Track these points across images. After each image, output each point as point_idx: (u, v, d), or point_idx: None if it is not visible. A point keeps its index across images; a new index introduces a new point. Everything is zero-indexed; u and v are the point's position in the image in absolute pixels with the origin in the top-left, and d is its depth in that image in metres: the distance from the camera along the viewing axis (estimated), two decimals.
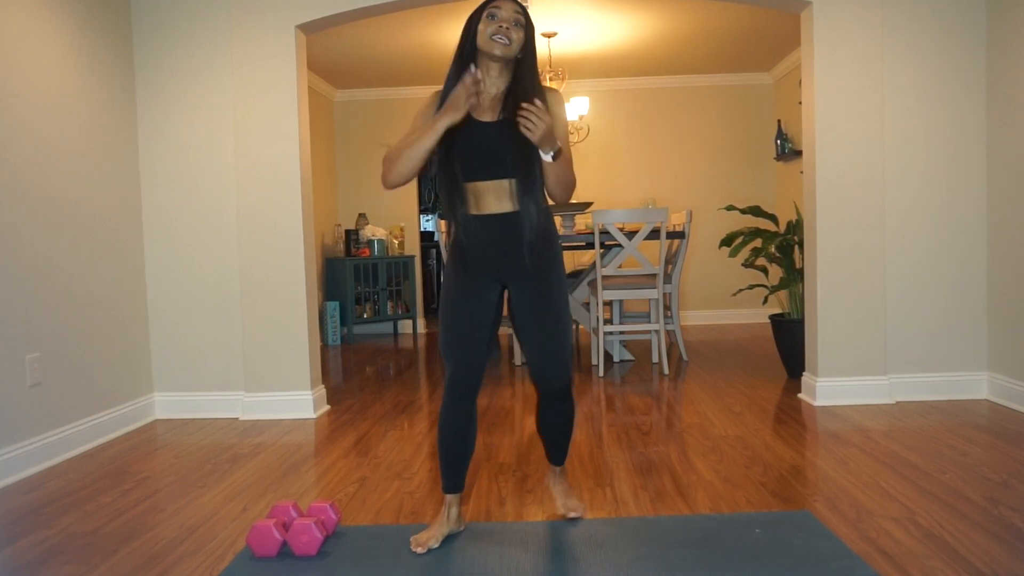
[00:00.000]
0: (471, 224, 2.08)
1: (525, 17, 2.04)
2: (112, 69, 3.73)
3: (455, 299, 2.12)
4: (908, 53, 3.77)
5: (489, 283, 2.13)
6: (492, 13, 2.01)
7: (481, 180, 2.06)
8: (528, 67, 2.06)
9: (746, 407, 3.79)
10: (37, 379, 3.11)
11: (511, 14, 2.01)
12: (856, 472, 2.72)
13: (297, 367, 3.86)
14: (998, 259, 3.73)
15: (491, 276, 2.13)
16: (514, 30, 2.01)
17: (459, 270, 2.13)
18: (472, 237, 2.09)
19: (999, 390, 3.71)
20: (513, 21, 2.01)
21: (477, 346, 2.10)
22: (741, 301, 7.16)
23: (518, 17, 2.02)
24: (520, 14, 2.03)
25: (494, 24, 2.00)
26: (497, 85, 2.09)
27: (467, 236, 2.09)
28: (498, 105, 2.08)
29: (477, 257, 2.11)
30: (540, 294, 2.11)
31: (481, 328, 2.11)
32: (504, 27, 2.00)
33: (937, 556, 2.00)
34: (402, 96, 7.39)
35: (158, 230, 3.95)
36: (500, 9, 2.01)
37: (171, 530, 2.36)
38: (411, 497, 2.61)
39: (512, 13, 2.02)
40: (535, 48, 2.09)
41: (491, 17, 2.01)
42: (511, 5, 2.02)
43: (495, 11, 2.01)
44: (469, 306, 2.11)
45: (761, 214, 4.56)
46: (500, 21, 2.00)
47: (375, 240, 7.02)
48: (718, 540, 2.13)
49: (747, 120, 7.32)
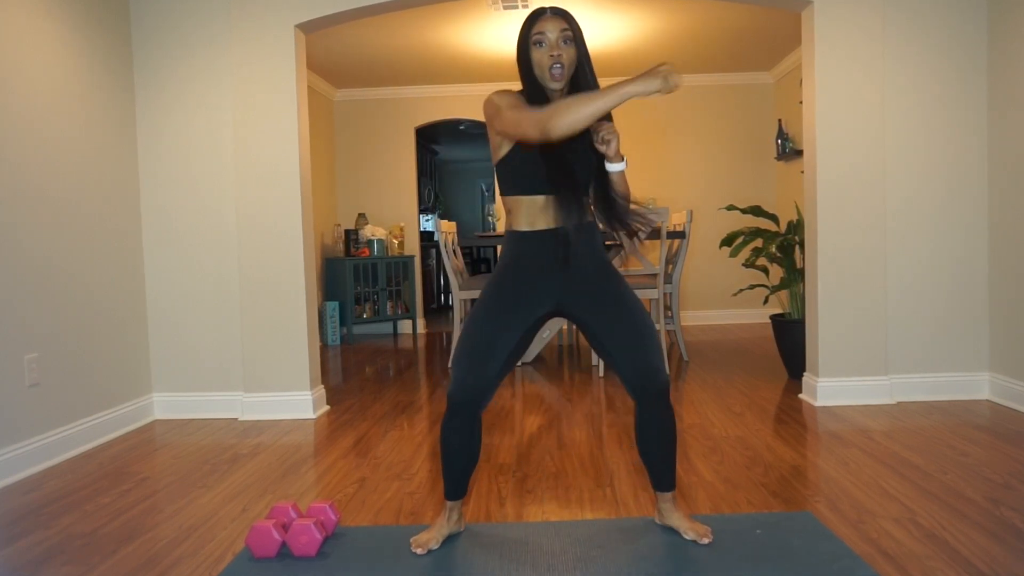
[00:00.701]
0: (525, 240, 2.05)
1: (571, 25, 1.97)
2: (111, 69, 3.72)
3: (492, 309, 2.03)
4: (909, 52, 3.77)
5: (535, 305, 2.05)
6: (539, 40, 1.96)
7: (539, 194, 2.02)
8: (584, 75, 2.01)
9: (747, 407, 3.79)
10: (36, 379, 3.10)
11: (558, 33, 1.95)
12: (857, 472, 2.71)
13: (296, 367, 3.86)
14: (999, 259, 3.72)
15: (541, 297, 2.05)
16: (565, 51, 1.96)
17: (507, 283, 2.05)
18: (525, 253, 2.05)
19: (1000, 390, 3.70)
20: (562, 40, 1.95)
21: (493, 367, 2.01)
22: (742, 301, 7.15)
23: (566, 34, 1.96)
24: (567, 28, 1.96)
25: (544, 53, 1.95)
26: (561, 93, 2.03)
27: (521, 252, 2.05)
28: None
29: (528, 275, 2.04)
30: (613, 298, 2.04)
31: (506, 348, 2.01)
32: (555, 55, 1.94)
33: (938, 557, 1.99)
34: (402, 96, 7.39)
35: (157, 230, 3.94)
36: (545, 33, 1.95)
37: (170, 531, 2.36)
38: (411, 498, 2.61)
39: (558, 32, 1.95)
40: (586, 49, 2.02)
41: (539, 44, 1.96)
42: (555, 23, 1.96)
43: (541, 37, 1.96)
44: (503, 322, 2.02)
45: (762, 214, 4.55)
46: (550, 48, 1.95)
47: (375, 240, 7.02)
48: (719, 541, 2.12)
49: (748, 119, 7.31)
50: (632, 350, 2.01)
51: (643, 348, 2.02)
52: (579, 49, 1.99)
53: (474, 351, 2.01)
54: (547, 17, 1.97)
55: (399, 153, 7.47)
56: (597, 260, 2.09)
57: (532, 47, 1.98)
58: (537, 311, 2.06)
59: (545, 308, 2.07)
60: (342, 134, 7.46)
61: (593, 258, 2.08)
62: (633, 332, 2.02)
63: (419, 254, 7.62)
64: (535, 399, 4.13)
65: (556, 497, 2.56)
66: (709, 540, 2.10)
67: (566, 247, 2.03)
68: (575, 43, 1.98)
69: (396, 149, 7.46)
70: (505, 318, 2.03)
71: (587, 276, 2.06)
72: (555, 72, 1.96)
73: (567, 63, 1.96)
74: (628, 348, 2.01)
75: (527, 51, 1.99)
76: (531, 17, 2.00)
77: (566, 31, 1.96)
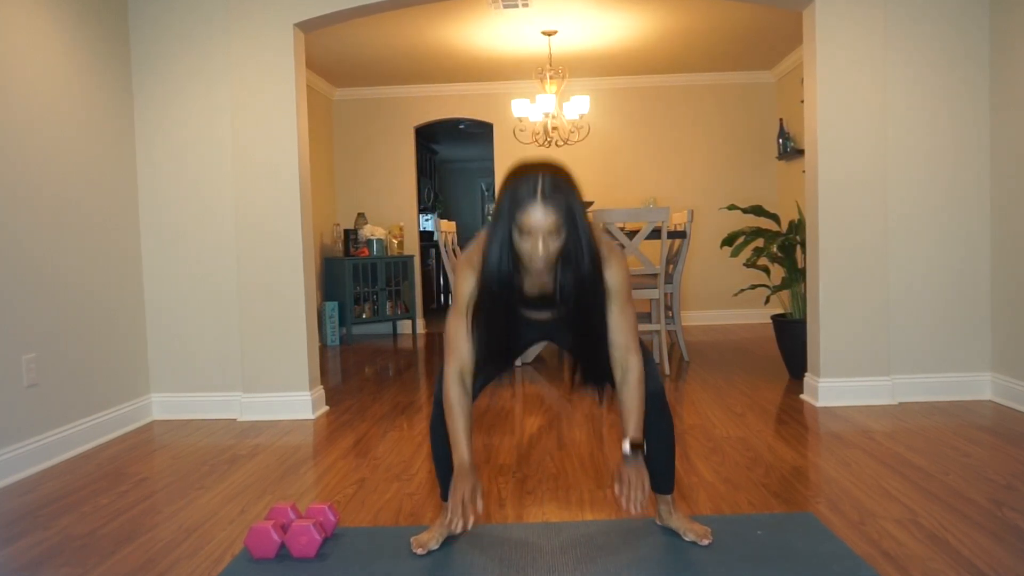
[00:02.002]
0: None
1: (562, 218, 1.72)
2: (109, 68, 3.71)
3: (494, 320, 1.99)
4: (911, 51, 3.76)
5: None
6: (521, 228, 1.73)
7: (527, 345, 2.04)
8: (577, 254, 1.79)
9: (748, 408, 3.77)
10: (34, 380, 3.09)
11: (543, 224, 1.71)
12: (858, 473, 2.70)
13: (295, 368, 3.85)
14: (1001, 258, 3.71)
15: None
16: (551, 240, 1.74)
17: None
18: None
19: (1002, 391, 3.69)
20: (547, 231, 1.72)
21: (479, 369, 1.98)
22: (743, 301, 7.14)
23: (553, 225, 1.72)
24: (556, 218, 1.71)
25: (527, 241, 1.75)
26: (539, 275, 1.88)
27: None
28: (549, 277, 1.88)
29: None
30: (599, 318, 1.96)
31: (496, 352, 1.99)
32: (539, 245, 1.74)
33: (940, 558, 1.98)
34: (401, 95, 7.38)
35: (155, 229, 3.93)
36: (532, 227, 1.72)
37: (169, 532, 2.35)
38: (410, 498, 2.59)
39: (544, 223, 1.71)
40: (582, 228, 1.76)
41: (522, 232, 1.74)
42: (545, 219, 1.70)
43: (526, 227, 1.72)
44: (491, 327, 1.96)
45: (763, 213, 4.54)
46: (534, 240, 1.73)
47: (374, 240, 7.01)
48: (720, 541, 2.11)
49: (749, 119, 7.30)
50: None
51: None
52: (570, 236, 1.76)
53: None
54: (536, 207, 1.71)
55: (398, 153, 7.46)
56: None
57: (514, 227, 1.75)
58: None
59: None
60: (341, 133, 7.45)
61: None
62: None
63: (419, 254, 7.61)
64: (535, 400, 4.12)
65: (556, 498, 2.55)
66: (709, 541, 2.09)
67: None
68: (565, 233, 1.76)
69: (395, 148, 7.45)
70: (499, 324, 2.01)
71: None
72: (536, 265, 1.78)
73: (551, 255, 1.77)
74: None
75: (508, 223, 1.76)
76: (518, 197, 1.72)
77: (554, 221, 1.72)
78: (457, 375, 1.92)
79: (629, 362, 1.94)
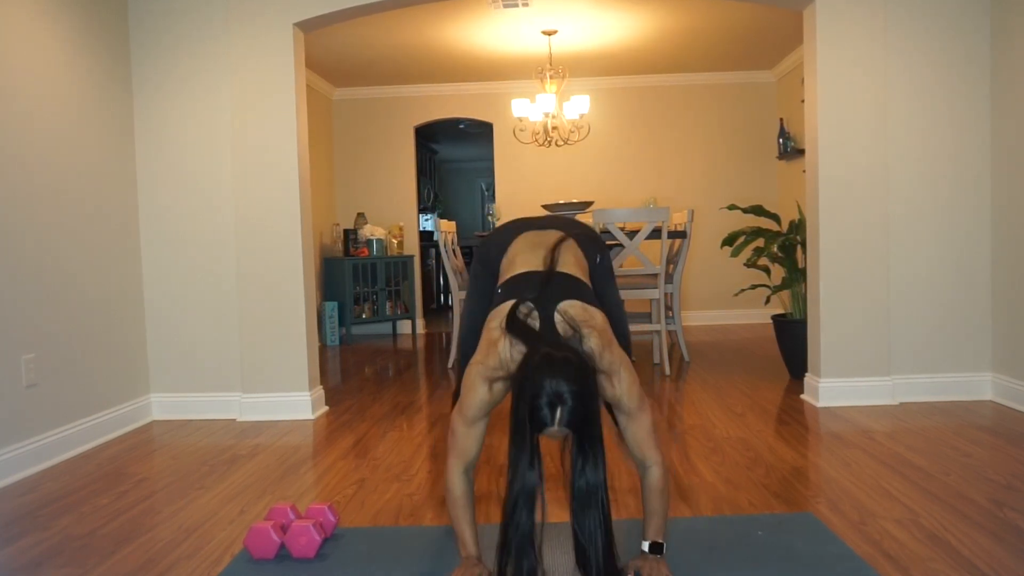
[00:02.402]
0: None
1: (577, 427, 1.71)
2: (109, 68, 3.71)
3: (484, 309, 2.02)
4: (911, 51, 3.75)
5: None
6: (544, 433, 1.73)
7: None
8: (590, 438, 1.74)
9: (748, 408, 3.77)
10: (33, 380, 3.09)
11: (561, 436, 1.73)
12: (859, 474, 2.70)
13: (295, 368, 3.84)
14: (1002, 259, 3.71)
15: None
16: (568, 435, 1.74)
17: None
18: None
19: (1003, 391, 3.69)
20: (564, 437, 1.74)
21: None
22: (743, 301, 7.14)
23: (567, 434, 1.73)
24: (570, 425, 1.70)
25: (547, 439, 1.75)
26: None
27: None
28: None
29: None
30: None
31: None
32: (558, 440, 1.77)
33: (940, 558, 1.98)
34: (401, 94, 7.37)
35: (155, 229, 3.93)
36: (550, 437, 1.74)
37: (168, 532, 2.34)
38: (410, 499, 2.59)
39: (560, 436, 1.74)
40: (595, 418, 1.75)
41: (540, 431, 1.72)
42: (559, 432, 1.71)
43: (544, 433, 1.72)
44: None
45: (763, 213, 4.54)
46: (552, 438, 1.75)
47: (374, 240, 7.00)
48: (720, 542, 2.11)
49: (749, 118, 7.30)
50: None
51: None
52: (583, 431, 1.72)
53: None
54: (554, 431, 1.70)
55: (398, 152, 7.45)
56: None
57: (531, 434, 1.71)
58: None
59: None
60: (341, 133, 7.44)
61: None
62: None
63: (418, 254, 7.61)
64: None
65: (557, 499, 2.54)
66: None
67: None
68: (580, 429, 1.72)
69: (395, 148, 7.44)
70: None
71: None
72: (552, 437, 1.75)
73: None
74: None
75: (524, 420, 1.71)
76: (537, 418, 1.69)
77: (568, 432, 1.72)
78: (461, 470, 1.92)
79: (647, 464, 1.91)
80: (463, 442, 1.92)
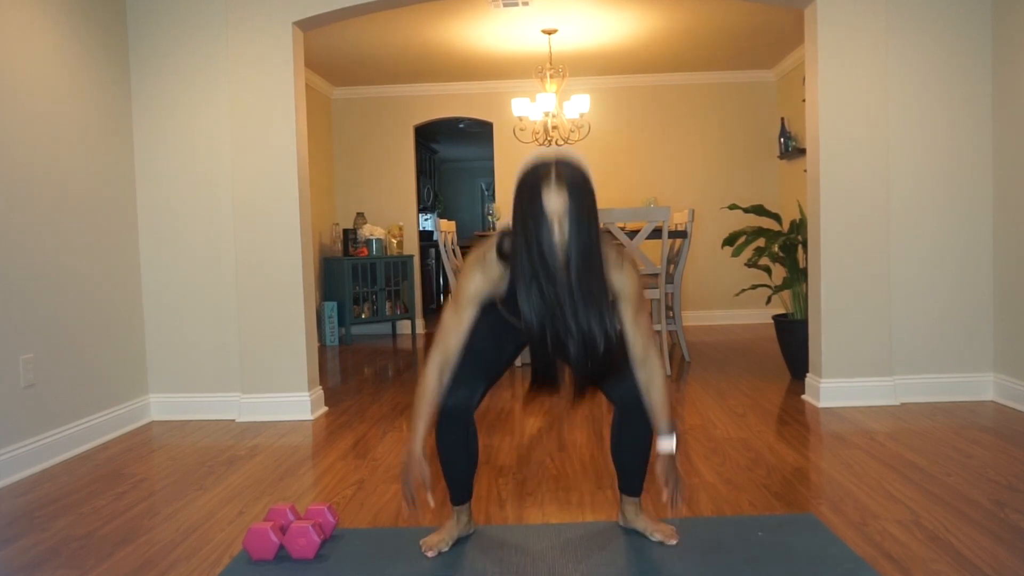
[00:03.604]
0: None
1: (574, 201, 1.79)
2: (107, 67, 3.70)
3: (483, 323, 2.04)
4: (913, 50, 3.74)
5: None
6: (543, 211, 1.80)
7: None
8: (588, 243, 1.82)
9: (749, 408, 3.76)
10: (31, 380, 3.08)
11: (560, 207, 1.78)
12: (860, 474, 2.69)
13: (294, 368, 3.83)
14: (1004, 258, 3.70)
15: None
16: (565, 222, 1.80)
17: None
18: None
19: (1005, 392, 3.68)
20: (563, 213, 1.79)
21: (479, 378, 2.03)
22: (744, 301, 7.13)
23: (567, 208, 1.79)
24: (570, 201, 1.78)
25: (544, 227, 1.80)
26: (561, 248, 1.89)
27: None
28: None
29: None
30: None
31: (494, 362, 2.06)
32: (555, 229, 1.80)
33: (942, 559, 1.97)
34: (400, 93, 7.36)
35: (154, 229, 3.92)
36: (548, 207, 1.79)
37: (167, 533, 2.33)
38: None
39: (561, 206, 1.78)
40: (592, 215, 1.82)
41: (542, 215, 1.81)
42: (560, 198, 1.78)
43: (544, 208, 1.78)
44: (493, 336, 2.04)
45: (764, 213, 4.53)
46: (549, 216, 1.79)
47: (373, 239, 6.99)
48: (721, 543, 2.10)
49: (750, 118, 7.29)
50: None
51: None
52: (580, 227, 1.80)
53: (466, 363, 2.02)
54: (552, 188, 1.78)
55: (398, 152, 7.44)
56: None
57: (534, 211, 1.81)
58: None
59: None
60: (340, 132, 7.43)
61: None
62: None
63: (418, 254, 7.60)
64: (535, 400, 4.11)
65: (556, 499, 2.53)
66: (676, 540, 2.11)
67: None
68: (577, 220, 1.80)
69: (395, 148, 7.43)
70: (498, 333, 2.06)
71: None
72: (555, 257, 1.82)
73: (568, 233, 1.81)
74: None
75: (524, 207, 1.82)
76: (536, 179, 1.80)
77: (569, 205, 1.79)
78: (438, 367, 1.97)
79: (650, 363, 2.01)
80: (446, 330, 1.97)
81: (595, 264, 1.85)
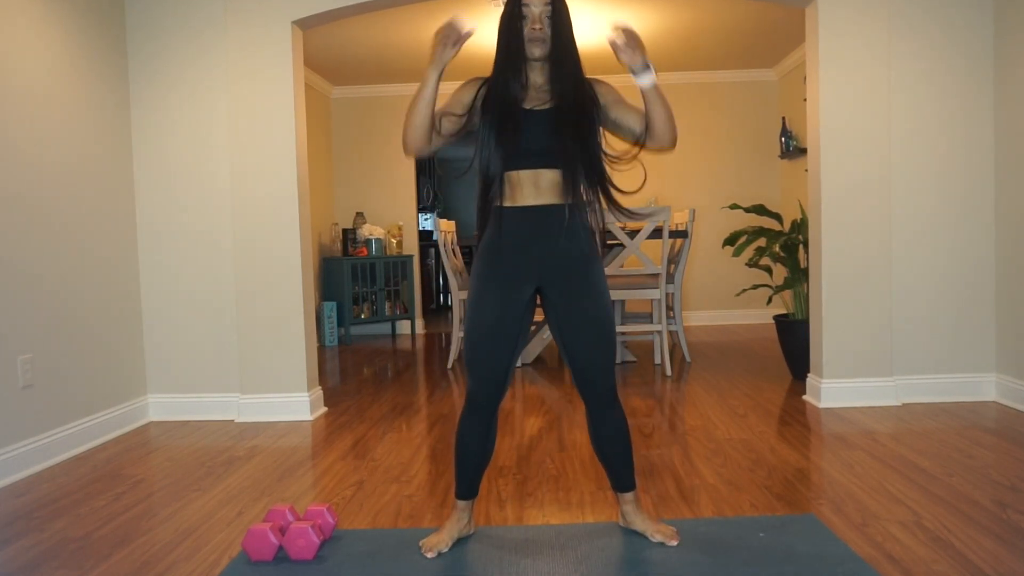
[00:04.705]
0: (507, 216, 2.03)
1: (555, 5, 2.01)
2: (106, 68, 3.69)
3: (482, 298, 2.05)
4: (915, 49, 3.73)
5: (521, 282, 2.04)
6: (523, 13, 2.01)
7: (523, 169, 2.02)
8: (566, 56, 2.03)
9: (750, 409, 3.75)
10: (29, 381, 3.07)
11: (541, 8, 1.99)
12: (862, 475, 2.68)
13: (293, 368, 3.82)
14: (1006, 258, 3.69)
15: (524, 274, 2.04)
16: (547, 25, 2.00)
17: (489, 267, 2.05)
18: (508, 230, 2.03)
19: (1007, 392, 3.66)
20: (545, 14, 2.00)
21: (501, 353, 2.03)
22: (745, 301, 7.11)
23: (547, 9, 2.00)
24: (549, 3, 2.00)
25: (527, 25, 2.00)
26: (542, 75, 2.07)
27: (502, 229, 2.03)
28: (545, 95, 2.06)
29: (510, 252, 2.04)
30: (579, 291, 2.04)
31: (507, 331, 2.03)
32: (537, 27, 1.99)
33: (944, 561, 1.96)
34: (400, 92, 7.35)
35: (152, 229, 3.91)
36: (530, 7, 2.00)
37: (165, 534, 2.32)
38: (409, 500, 2.57)
39: (542, 7, 2.00)
40: (570, 30, 2.04)
41: (524, 18, 2.01)
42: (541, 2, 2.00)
43: (526, 11, 2.00)
44: (496, 306, 2.03)
45: (765, 213, 4.52)
46: (532, 21, 2.00)
47: (373, 239, 6.98)
48: (721, 544, 2.09)
49: (751, 117, 7.28)
50: (584, 350, 2.04)
51: (596, 350, 2.04)
52: (562, 29, 2.02)
53: (482, 340, 2.03)
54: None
55: (398, 151, 7.43)
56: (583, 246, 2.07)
57: (515, 20, 2.02)
58: (525, 286, 2.06)
59: (532, 283, 2.06)
60: (340, 132, 7.42)
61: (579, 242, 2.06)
62: (591, 332, 2.03)
63: (418, 253, 7.59)
64: (535, 401, 4.10)
65: (557, 500, 2.53)
66: (677, 542, 2.09)
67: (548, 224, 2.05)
68: (559, 22, 2.01)
69: (394, 147, 7.42)
70: (501, 300, 2.04)
71: (569, 258, 2.05)
72: (535, 42, 2.00)
73: (550, 37, 2.01)
74: (581, 346, 2.04)
75: (509, 22, 2.03)
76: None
77: (548, 6, 2.00)
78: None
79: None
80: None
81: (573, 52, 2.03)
